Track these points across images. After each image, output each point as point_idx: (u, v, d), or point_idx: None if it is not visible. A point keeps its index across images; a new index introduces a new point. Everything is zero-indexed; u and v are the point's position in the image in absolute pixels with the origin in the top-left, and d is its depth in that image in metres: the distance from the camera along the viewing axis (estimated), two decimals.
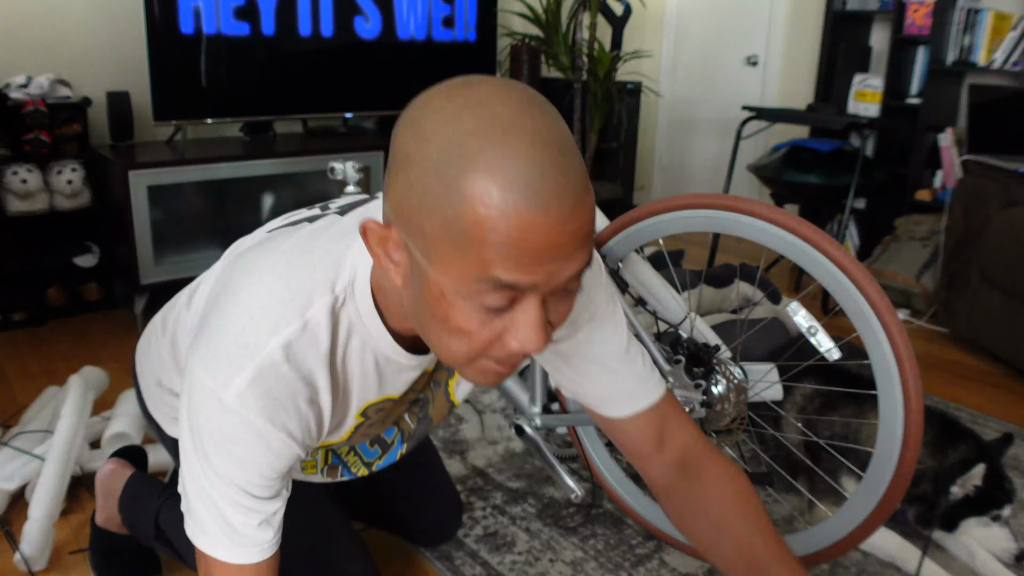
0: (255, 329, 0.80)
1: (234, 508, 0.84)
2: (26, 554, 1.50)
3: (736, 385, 1.39)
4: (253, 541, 0.87)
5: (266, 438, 0.81)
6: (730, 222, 1.35)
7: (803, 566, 0.97)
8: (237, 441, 0.81)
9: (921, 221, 3.40)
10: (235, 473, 0.82)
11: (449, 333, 0.70)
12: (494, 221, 0.62)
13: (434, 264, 0.66)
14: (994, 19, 3.37)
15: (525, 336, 0.68)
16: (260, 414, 0.80)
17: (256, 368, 0.79)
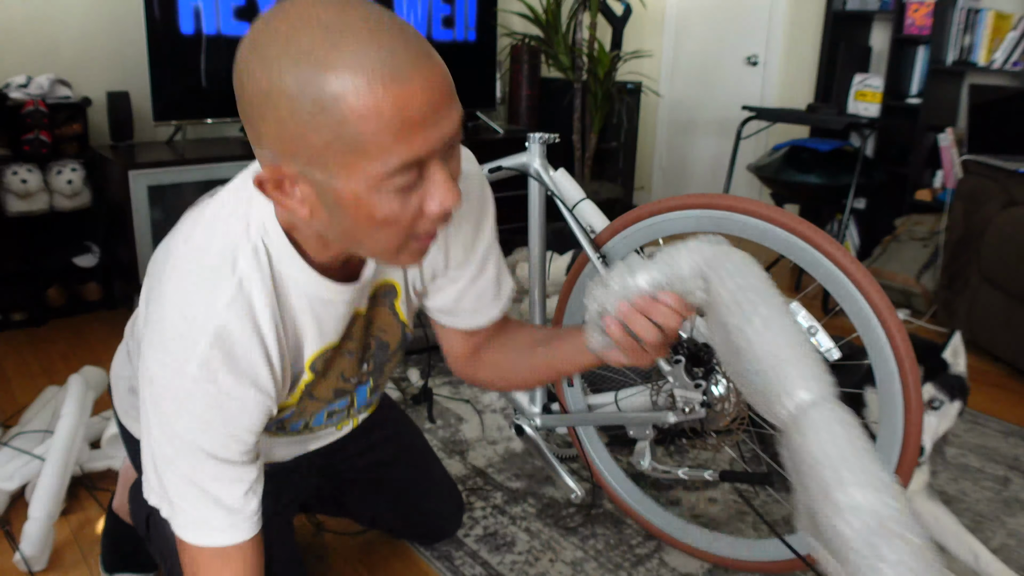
0: (194, 302, 0.83)
1: (218, 483, 0.86)
2: (26, 554, 1.50)
3: (736, 385, 1.39)
4: (243, 515, 0.88)
5: (237, 396, 0.84)
6: (730, 222, 1.35)
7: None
8: (211, 407, 0.83)
9: (921, 221, 3.40)
10: (213, 442, 0.85)
11: (377, 228, 0.75)
12: (372, 110, 0.67)
13: (338, 176, 0.71)
14: (994, 19, 3.37)
15: (442, 197, 0.75)
16: (228, 374, 0.83)
17: (210, 335, 0.82)
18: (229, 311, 0.83)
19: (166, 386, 0.83)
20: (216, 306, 0.82)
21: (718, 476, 1.48)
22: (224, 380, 0.83)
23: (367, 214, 0.73)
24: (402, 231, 0.76)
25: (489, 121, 3.97)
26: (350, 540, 1.65)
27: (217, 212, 0.88)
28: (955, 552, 1.61)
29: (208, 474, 0.86)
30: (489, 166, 1.62)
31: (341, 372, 1.07)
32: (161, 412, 0.85)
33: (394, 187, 0.72)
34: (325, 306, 0.93)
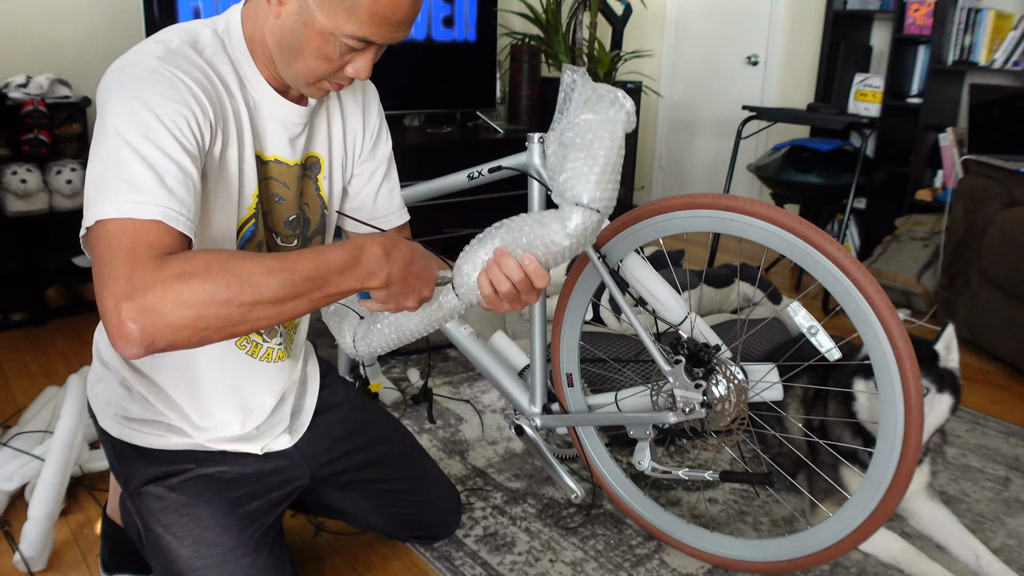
0: (154, 41, 0.97)
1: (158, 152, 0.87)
2: (26, 554, 1.49)
3: (736, 385, 1.39)
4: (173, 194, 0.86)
5: (184, 82, 0.93)
6: (730, 222, 1.35)
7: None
8: (163, 82, 0.92)
9: (921, 221, 3.40)
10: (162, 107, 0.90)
11: (316, 59, 0.99)
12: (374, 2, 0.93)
13: (324, 13, 0.95)
14: (995, 19, 3.37)
15: (361, 68, 1.02)
16: (175, 67, 0.94)
17: (165, 50, 0.96)
18: (185, 44, 0.99)
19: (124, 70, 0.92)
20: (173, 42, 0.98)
21: (718, 476, 1.48)
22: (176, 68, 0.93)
23: (316, 45, 0.98)
24: (324, 70, 1.01)
25: (489, 121, 3.97)
26: (350, 540, 1.65)
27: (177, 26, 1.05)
28: (956, 552, 1.61)
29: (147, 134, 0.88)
30: (489, 166, 1.62)
31: (267, 211, 1.12)
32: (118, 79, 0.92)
33: (343, 43, 0.97)
34: (264, 115, 1.07)
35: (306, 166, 1.17)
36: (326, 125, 1.19)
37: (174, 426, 1.18)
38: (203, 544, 1.15)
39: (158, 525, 1.16)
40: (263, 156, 1.10)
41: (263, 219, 1.12)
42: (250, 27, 1.04)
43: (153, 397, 1.17)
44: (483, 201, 3.60)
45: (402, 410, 2.20)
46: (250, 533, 1.18)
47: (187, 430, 1.18)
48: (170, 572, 1.15)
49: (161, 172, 0.87)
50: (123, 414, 1.18)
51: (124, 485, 1.20)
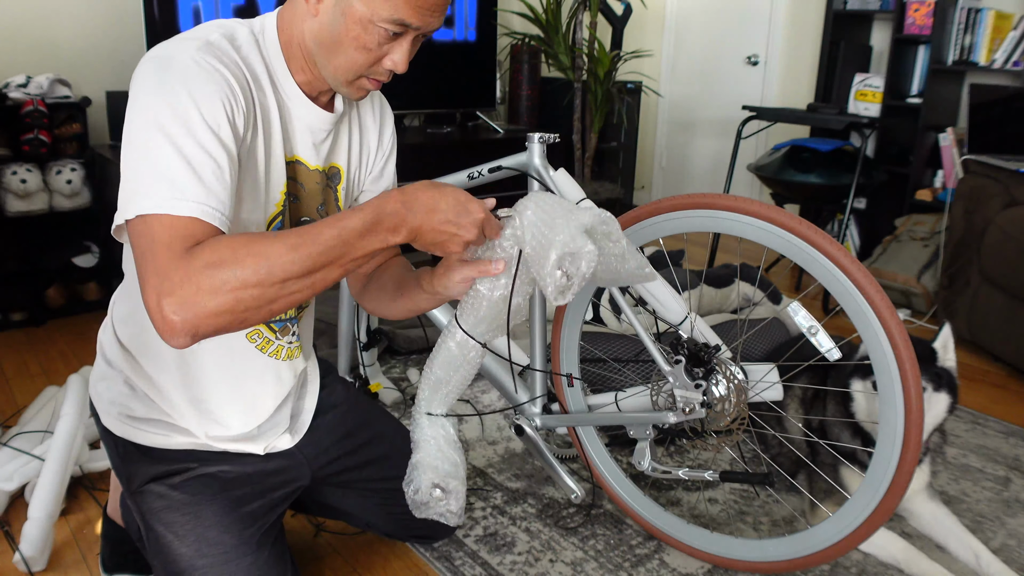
0: (190, 34, 0.98)
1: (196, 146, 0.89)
2: (26, 554, 1.49)
3: (736, 385, 1.39)
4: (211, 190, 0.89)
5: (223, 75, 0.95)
6: (730, 222, 1.35)
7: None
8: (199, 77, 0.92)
9: (921, 221, 3.40)
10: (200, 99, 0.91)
11: (356, 49, 1.01)
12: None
13: (361, 0, 0.98)
14: (995, 19, 3.37)
15: (398, 59, 1.03)
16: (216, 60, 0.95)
17: (202, 41, 0.97)
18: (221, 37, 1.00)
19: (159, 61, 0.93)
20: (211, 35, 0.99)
21: (718, 476, 1.48)
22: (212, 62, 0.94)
23: (355, 35, 1.00)
24: (364, 62, 1.03)
25: (489, 121, 3.97)
26: (350, 540, 1.65)
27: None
28: (956, 552, 1.61)
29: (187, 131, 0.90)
30: (489, 166, 1.62)
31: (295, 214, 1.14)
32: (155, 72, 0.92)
33: (382, 30, 0.99)
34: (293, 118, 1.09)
35: (328, 175, 1.19)
36: (347, 136, 1.21)
37: (177, 425, 1.18)
38: (205, 543, 1.15)
39: (159, 524, 1.16)
40: (286, 156, 1.11)
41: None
42: (286, 30, 1.06)
43: (157, 396, 1.17)
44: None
45: (402, 410, 2.20)
46: (251, 532, 1.19)
47: (190, 429, 1.18)
48: (171, 571, 1.15)
49: (199, 168, 0.89)
50: (126, 413, 1.19)
51: (126, 484, 1.21)
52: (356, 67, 1.03)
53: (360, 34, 1.00)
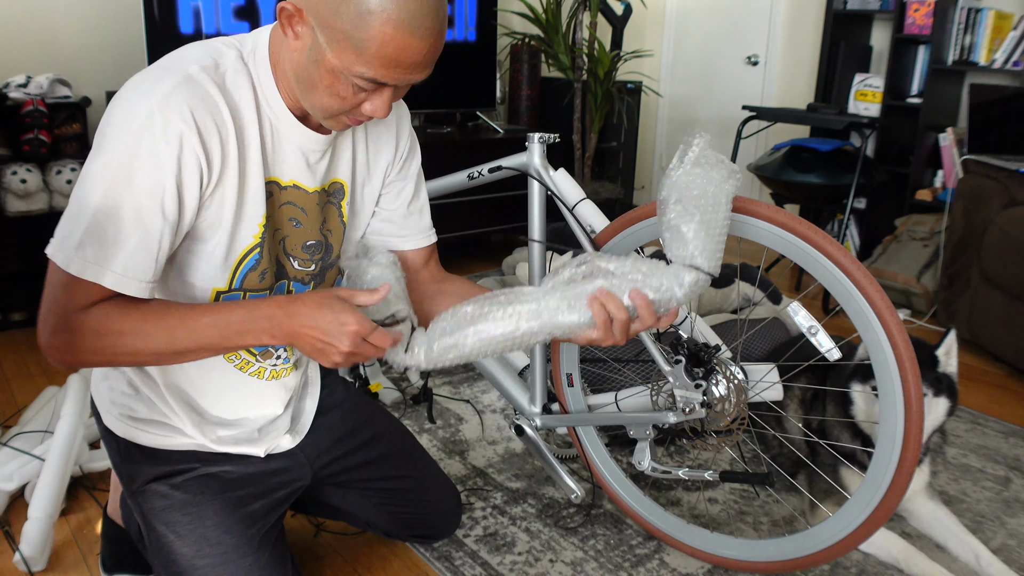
0: (170, 62, 0.97)
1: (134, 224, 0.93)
2: (25, 554, 1.49)
3: (736, 385, 1.39)
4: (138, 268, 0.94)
5: (180, 136, 0.93)
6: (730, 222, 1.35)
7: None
8: (155, 140, 0.91)
9: (921, 221, 3.40)
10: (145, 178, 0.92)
11: (329, 95, 0.98)
12: (387, 39, 0.91)
13: (333, 51, 0.93)
14: (995, 19, 3.37)
15: (378, 108, 0.99)
16: (177, 113, 0.93)
17: (178, 77, 0.95)
18: (201, 72, 0.97)
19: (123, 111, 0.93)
20: (191, 67, 0.96)
21: (718, 476, 1.48)
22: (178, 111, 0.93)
23: (328, 83, 0.96)
24: (338, 107, 0.99)
25: (489, 121, 3.97)
26: (350, 540, 1.65)
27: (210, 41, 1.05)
28: (956, 552, 1.61)
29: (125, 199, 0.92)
30: (489, 166, 1.62)
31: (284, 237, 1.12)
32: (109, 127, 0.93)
33: (355, 83, 0.96)
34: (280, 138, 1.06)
35: (329, 192, 1.16)
36: (350, 150, 1.17)
37: (179, 428, 1.18)
38: (206, 543, 1.15)
39: (160, 524, 1.16)
40: (281, 182, 1.09)
41: (279, 244, 1.12)
42: (275, 50, 1.03)
43: (159, 399, 1.17)
44: (483, 201, 3.60)
45: (402, 410, 2.20)
46: (252, 533, 1.19)
47: (191, 432, 1.18)
48: (172, 571, 1.15)
49: (127, 237, 0.94)
50: (129, 414, 1.19)
51: (127, 484, 1.21)
52: (330, 110, 1.00)
53: (332, 83, 0.96)
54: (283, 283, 1.15)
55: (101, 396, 1.22)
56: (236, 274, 1.07)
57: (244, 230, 1.05)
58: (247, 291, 1.09)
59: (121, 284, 0.95)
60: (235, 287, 1.08)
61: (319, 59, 0.95)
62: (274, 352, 1.21)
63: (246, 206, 1.04)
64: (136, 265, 0.95)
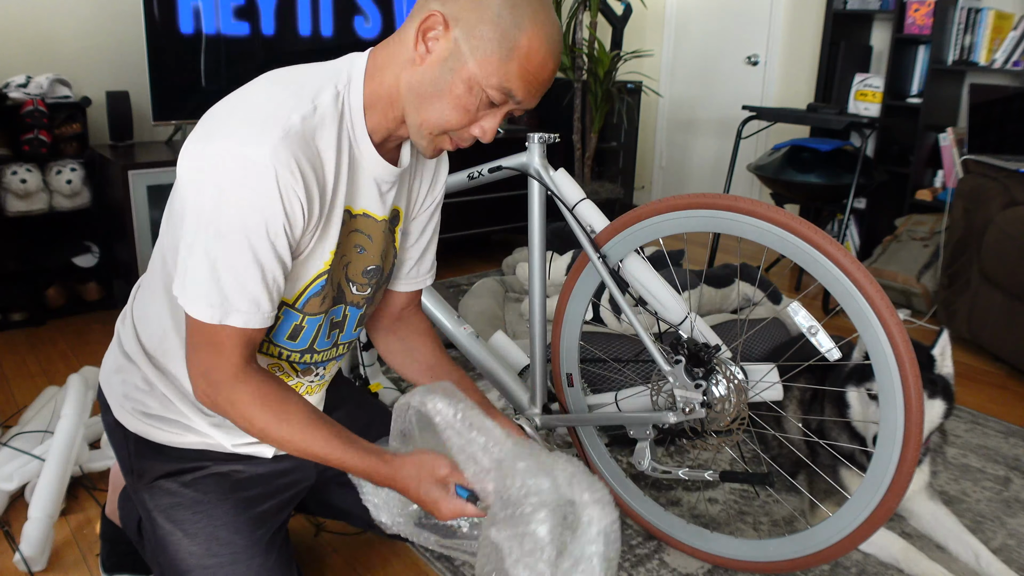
0: (271, 108, 0.97)
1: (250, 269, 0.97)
2: (26, 554, 1.50)
3: (736, 385, 1.39)
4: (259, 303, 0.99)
5: (288, 189, 0.96)
6: (730, 222, 1.35)
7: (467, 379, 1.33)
8: (262, 194, 0.94)
9: (921, 221, 3.40)
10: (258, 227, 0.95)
11: (453, 108, 1.01)
12: (531, 54, 0.99)
13: (477, 59, 0.98)
14: (995, 19, 3.37)
15: (488, 129, 1.04)
16: (285, 166, 0.94)
17: (283, 130, 0.95)
18: (301, 122, 0.98)
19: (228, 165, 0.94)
20: (292, 116, 0.97)
21: (718, 476, 1.48)
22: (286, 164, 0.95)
23: (458, 93, 0.99)
24: (456, 123, 1.02)
25: None
26: (350, 540, 1.65)
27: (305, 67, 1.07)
28: (956, 552, 1.61)
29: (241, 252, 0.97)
30: (489, 166, 1.62)
31: (348, 263, 1.15)
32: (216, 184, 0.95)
33: (483, 95, 1.00)
34: (361, 170, 1.09)
35: (391, 219, 1.20)
36: (408, 180, 1.22)
37: (192, 426, 1.18)
38: (215, 542, 1.15)
39: (168, 521, 1.16)
40: (352, 210, 1.11)
41: (343, 270, 1.15)
42: (376, 75, 1.05)
43: (175, 397, 1.17)
44: (483, 201, 3.60)
45: None
46: (261, 534, 1.19)
47: (207, 431, 1.18)
48: (177, 569, 1.15)
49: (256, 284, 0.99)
50: (142, 409, 1.18)
51: (135, 479, 1.20)
52: (447, 125, 1.02)
53: (463, 94, 1.00)
54: (340, 307, 1.19)
55: (113, 389, 1.22)
56: (301, 296, 1.10)
57: (318, 258, 1.08)
58: (306, 314, 1.13)
59: (250, 322, 1.00)
60: (298, 307, 1.12)
61: (456, 68, 0.98)
62: (315, 369, 1.23)
63: (327, 237, 1.07)
64: (268, 302, 1.01)
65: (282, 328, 1.14)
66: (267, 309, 1.01)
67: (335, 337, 1.22)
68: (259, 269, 0.98)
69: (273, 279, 1.01)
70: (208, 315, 0.99)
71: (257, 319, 1.01)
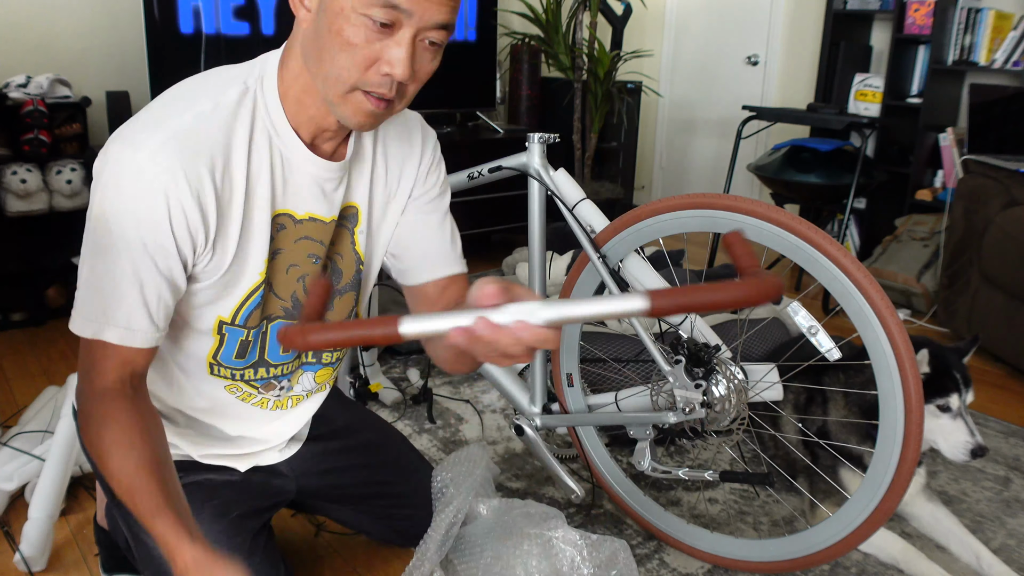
0: (165, 109, 0.92)
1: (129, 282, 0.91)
2: (26, 554, 1.49)
3: (736, 385, 1.39)
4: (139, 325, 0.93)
5: (169, 197, 0.88)
6: (730, 222, 1.35)
7: None
8: (141, 201, 0.87)
9: (921, 221, 3.40)
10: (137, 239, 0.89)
11: (340, 48, 0.86)
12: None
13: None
14: (995, 19, 3.37)
15: (396, 58, 0.86)
16: (167, 171, 0.87)
17: (168, 131, 0.89)
18: (195, 119, 0.91)
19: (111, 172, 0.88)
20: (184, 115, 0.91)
21: (718, 476, 1.48)
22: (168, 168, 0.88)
23: (339, 29, 0.86)
24: (350, 65, 0.88)
25: (489, 121, 3.97)
26: (350, 540, 1.65)
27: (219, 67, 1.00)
28: (957, 553, 1.61)
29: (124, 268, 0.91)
30: (489, 166, 1.62)
31: (303, 275, 1.08)
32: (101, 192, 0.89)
33: (366, 20, 0.85)
34: (293, 170, 1.00)
35: (343, 216, 1.11)
36: (368, 172, 1.11)
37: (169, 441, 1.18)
38: None
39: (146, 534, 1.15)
40: (295, 215, 1.04)
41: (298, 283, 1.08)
42: (287, 63, 0.97)
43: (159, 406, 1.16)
44: (483, 201, 3.60)
45: (402, 410, 2.20)
46: (240, 540, 1.18)
47: (170, 439, 1.17)
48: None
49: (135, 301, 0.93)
50: None
51: (110, 494, 1.20)
52: (344, 74, 0.88)
53: (342, 27, 0.85)
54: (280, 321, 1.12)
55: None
56: (239, 313, 1.05)
57: (247, 272, 1.01)
58: (250, 328, 1.07)
59: (126, 338, 0.94)
60: (239, 323, 1.06)
61: (328, 6, 0.86)
62: (276, 384, 1.19)
63: (250, 244, 1.00)
64: (150, 322, 0.94)
65: (228, 348, 1.08)
66: (146, 328, 0.94)
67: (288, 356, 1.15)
68: (138, 286, 0.92)
69: (158, 297, 0.93)
70: (81, 328, 0.94)
71: (136, 338, 0.94)
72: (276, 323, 1.11)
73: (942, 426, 1.54)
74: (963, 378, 1.54)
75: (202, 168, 0.90)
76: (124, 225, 0.89)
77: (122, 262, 0.91)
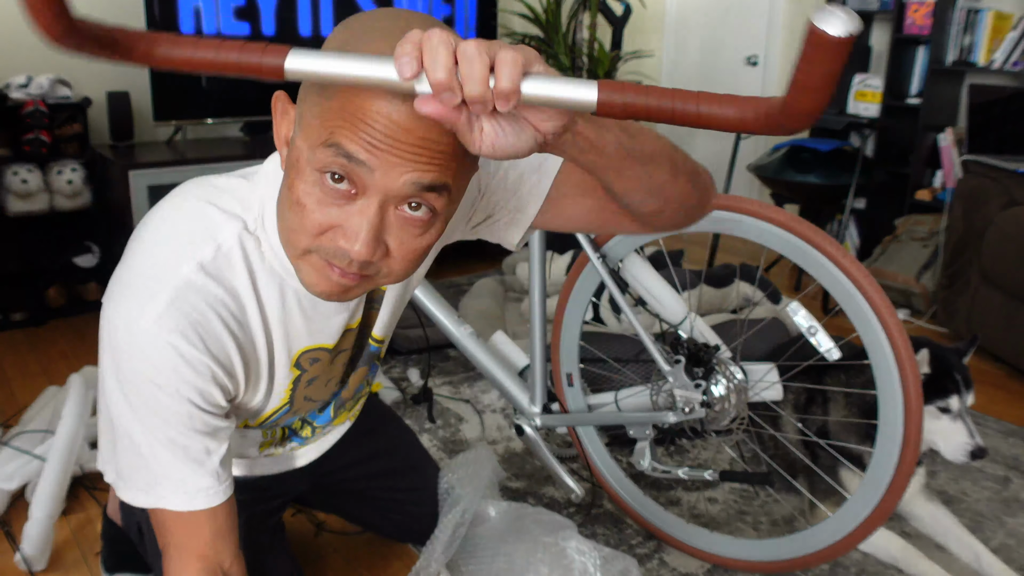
0: (163, 258, 0.81)
1: (170, 450, 0.84)
2: (26, 554, 1.50)
3: (736, 385, 1.39)
4: (196, 485, 0.87)
5: (189, 360, 0.80)
6: (730, 222, 1.35)
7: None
8: (161, 370, 0.80)
9: (921, 221, 3.40)
10: (167, 408, 0.82)
11: (291, 206, 0.70)
12: (351, 91, 0.64)
13: (302, 130, 0.69)
14: (994, 19, 3.37)
15: (353, 232, 0.68)
16: (179, 334, 0.79)
17: (172, 290, 0.79)
18: (199, 271, 0.81)
19: (120, 341, 0.81)
20: (183, 268, 0.80)
21: (718, 476, 1.48)
22: (175, 342, 0.80)
23: (291, 183, 0.70)
24: (304, 231, 0.71)
25: None
26: (350, 540, 1.65)
27: (216, 182, 0.87)
28: (956, 553, 1.61)
29: (159, 438, 0.84)
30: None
31: (332, 376, 1.07)
32: (116, 363, 0.82)
33: (323, 169, 0.67)
34: (318, 307, 0.93)
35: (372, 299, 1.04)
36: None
37: None
38: None
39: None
40: (327, 347, 0.98)
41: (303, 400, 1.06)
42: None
43: None
44: None
45: (402, 410, 2.20)
46: (255, 535, 1.19)
47: None
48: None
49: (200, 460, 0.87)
50: None
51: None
52: (292, 236, 0.72)
53: (294, 181, 0.70)
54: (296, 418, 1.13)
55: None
56: (265, 421, 1.05)
57: (271, 400, 1.00)
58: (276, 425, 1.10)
59: (211, 500, 0.88)
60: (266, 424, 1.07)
61: (290, 155, 0.71)
62: (291, 439, 1.20)
63: (274, 384, 0.97)
64: (218, 475, 0.89)
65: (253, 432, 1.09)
66: (225, 476, 0.89)
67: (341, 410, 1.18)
68: (182, 450, 0.85)
69: (206, 450, 0.87)
70: (142, 500, 0.88)
71: (221, 495, 0.89)
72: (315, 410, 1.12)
73: (942, 427, 1.54)
74: (964, 379, 1.55)
75: (216, 328, 0.83)
76: (145, 395, 0.82)
77: (158, 429, 0.84)
